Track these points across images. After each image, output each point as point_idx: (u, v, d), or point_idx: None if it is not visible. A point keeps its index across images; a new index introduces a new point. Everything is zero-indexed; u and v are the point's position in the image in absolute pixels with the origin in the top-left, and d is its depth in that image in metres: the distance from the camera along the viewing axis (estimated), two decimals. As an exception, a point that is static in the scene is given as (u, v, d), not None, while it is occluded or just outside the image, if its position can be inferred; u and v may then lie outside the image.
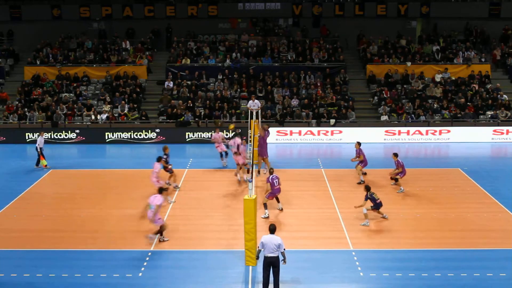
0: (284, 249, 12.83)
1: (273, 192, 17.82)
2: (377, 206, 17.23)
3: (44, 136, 24.61)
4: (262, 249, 12.74)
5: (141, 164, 24.90)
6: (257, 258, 13.25)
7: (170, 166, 20.46)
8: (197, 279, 13.84)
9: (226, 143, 23.41)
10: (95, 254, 15.26)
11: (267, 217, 17.62)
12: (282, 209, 18.33)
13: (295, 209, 18.62)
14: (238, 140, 21.63)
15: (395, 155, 20.66)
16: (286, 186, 21.00)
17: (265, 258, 12.72)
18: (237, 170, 21.43)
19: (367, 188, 17.15)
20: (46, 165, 23.65)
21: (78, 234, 16.60)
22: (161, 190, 16.08)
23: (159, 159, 19.28)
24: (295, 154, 27.32)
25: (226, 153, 23.54)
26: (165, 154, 20.61)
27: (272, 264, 12.68)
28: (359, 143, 21.83)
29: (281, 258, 12.82)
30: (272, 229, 12.96)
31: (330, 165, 24.37)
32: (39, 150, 23.60)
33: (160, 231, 15.89)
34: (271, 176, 17.88)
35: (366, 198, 17.05)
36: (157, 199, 15.60)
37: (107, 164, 25.28)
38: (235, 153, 21.30)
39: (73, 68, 33.46)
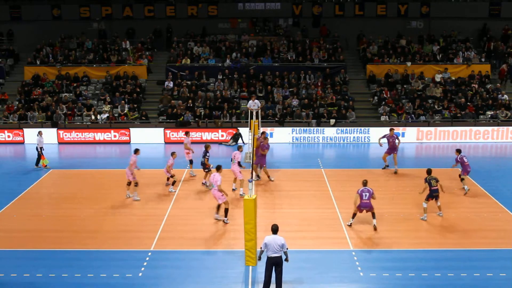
0: (287, 249, 12.84)
1: (360, 206, 16.55)
2: (430, 193, 17.36)
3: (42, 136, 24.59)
4: (265, 250, 12.69)
5: (141, 164, 24.89)
6: (259, 259, 13.21)
7: (211, 165, 20.52)
8: (197, 279, 13.84)
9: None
10: (95, 254, 15.25)
11: (350, 225, 16.92)
12: (375, 228, 16.73)
13: (295, 209, 18.63)
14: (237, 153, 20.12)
15: (458, 151, 20.53)
16: (286, 186, 21.07)
17: (269, 258, 12.67)
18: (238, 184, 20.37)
19: (428, 172, 17.70)
20: (46, 165, 23.65)
21: (78, 234, 16.60)
22: (218, 168, 17.31)
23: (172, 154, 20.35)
24: (295, 154, 27.32)
25: (191, 161, 22.60)
26: (207, 152, 20.54)
27: (276, 264, 12.66)
28: (392, 129, 23.05)
29: (283, 257, 12.82)
30: (275, 229, 12.90)
31: (330, 165, 24.39)
32: (39, 149, 23.61)
33: (225, 210, 16.93)
34: (362, 188, 16.64)
35: (426, 181, 17.46)
36: (216, 177, 16.79)
37: (107, 164, 25.27)
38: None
39: (73, 68, 33.48)
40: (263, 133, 22.34)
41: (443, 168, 23.57)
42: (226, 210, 17.17)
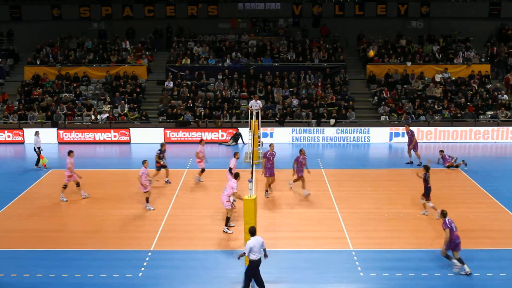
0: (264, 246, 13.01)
1: (453, 240, 13.87)
2: (427, 191, 17.53)
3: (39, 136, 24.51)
4: (248, 254, 12.67)
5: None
6: (239, 258, 13.33)
7: (162, 163, 21.04)
8: (197, 279, 13.84)
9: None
10: (95, 254, 15.25)
11: (469, 273, 13.91)
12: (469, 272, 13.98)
13: (295, 209, 18.63)
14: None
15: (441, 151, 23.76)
16: (286, 186, 21.04)
17: (253, 262, 12.69)
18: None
19: (426, 168, 17.69)
20: (45, 165, 23.65)
21: (78, 234, 16.61)
22: (236, 175, 16.61)
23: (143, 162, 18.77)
24: (295, 154, 27.17)
25: (203, 170, 21.84)
26: (159, 150, 21.18)
27: (259, 266, 12.79)
28: (408, 125, 23.78)
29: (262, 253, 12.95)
30: (254, 231, 13.00)
31: (330, 165, 24.39)
32: (37, 149, 23.62)
33: (227, 219, 16.52)
34: (448, 219, 14.03)
35: (425, 176, 17.55)
36: (231, 183, 16.29)
37: (107, 164, 25.27)
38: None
39: (73, 68, 33.47)
40: (301, 150, 20.82)
41: (442, 168, 23.65)
42: (228, 219, 16.79)
